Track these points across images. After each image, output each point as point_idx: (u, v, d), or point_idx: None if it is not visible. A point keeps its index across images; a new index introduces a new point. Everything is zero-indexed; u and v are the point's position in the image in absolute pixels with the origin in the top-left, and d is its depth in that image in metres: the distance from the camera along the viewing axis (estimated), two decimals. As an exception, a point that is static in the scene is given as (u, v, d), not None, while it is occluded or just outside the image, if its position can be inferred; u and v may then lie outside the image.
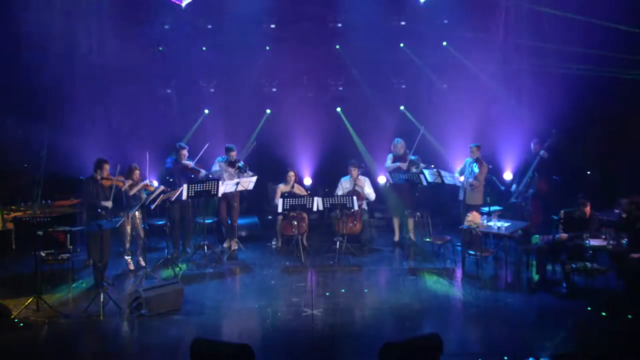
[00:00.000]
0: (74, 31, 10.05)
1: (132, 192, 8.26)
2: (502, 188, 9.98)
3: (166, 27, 10.72)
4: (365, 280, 8.10)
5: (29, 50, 9.44)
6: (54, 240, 8.61)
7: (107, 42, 10.12)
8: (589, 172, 10.28)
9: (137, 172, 8.44)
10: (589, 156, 10.16)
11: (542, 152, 9.49)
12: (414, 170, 9.22)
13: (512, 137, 10.42)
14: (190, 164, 9.18)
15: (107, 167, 7.84)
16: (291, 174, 9.57)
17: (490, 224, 8.07)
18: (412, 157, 9.48)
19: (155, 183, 8.66)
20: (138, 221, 8.52)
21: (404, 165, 9.44)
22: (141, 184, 8.33)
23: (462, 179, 9.31)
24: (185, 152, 9.24)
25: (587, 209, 7.44)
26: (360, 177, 9.65)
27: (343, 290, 7.57)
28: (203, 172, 9.24)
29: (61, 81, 9.66)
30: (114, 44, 10.13)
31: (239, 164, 9.26)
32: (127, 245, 8.47)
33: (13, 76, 9.50)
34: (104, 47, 10.15)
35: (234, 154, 9.37)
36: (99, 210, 7.63)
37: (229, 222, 9.48)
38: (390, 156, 9.69)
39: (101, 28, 10.14)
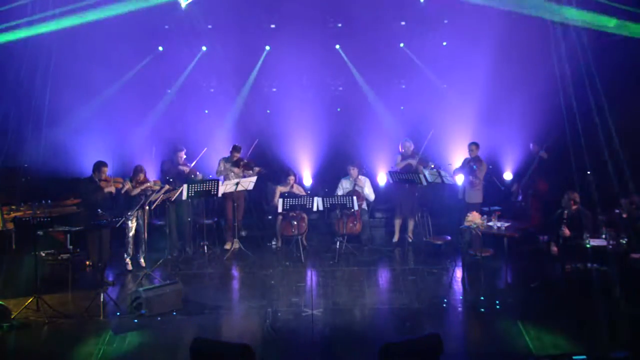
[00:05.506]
0: (74, 30, 10.04)
1: (134, 193, 8.26)
2: (502, 188, 9.98)
3: (166, 27, 10.73)
4: (365, 280, 8.10)
5: (28, 49, 9.43)
6: (54, 240, 8.61)
7: (107, 42, 10.11)
8: (589, 172, 10.27)
9: (142, 175, 8.45)
10: (589, 156, 10.15)
11: (541, 152, 9.50)
12: (431, 167, 9.26)
13: (512, 137, 10.42)
14: (187, 168, 9.15)
15: (105, 169, 7.84)
16: (291, 178, 9.54)
17: (490, 223, 8.06)
18: (421, 157, 9.58)
19: (159, 183, 8.67)
20: (144, 221, 8.53)
21: (413, 162, 9.50)
22: (144, 186, 8.32)
23: (459, 178, 9.33)
24: (182, 154, 9.22)
25: (572, 197, 7.43)
26: (360, 177, 9.66)
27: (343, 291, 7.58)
28: (200, 175, 9.21)
29: (61, 80, 9.67)
30: (113, 44, 10.12)
31: (245, 162, 9.30)
32: (130, 245, 8.47)
33: (12, 75, 9.51)
34: (104, 47, 10.14)
35: (237, 154, 9.38)
36: (98, 210, 7.63)
37: (234, 222, 9.48)
38: (399, 156, 9.76)
39: (101, 28, 10.12)
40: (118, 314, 6.89)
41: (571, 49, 9.46)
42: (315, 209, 8.92)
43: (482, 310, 6.91)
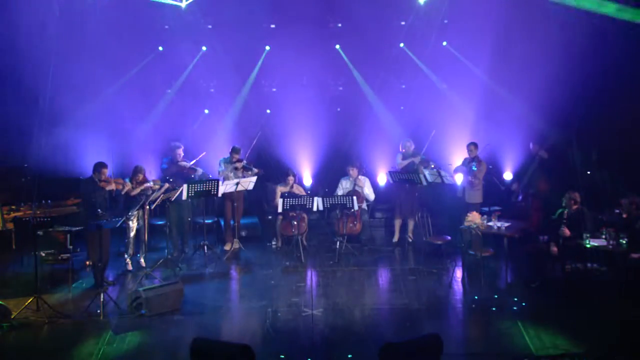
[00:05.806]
0: (74, 30, 10.04)
1: (134, 193, 8.27)
2: (502, 188, 9.98)
3: (166, 27, 10.73)
4: (365, 280, 8.10)
5: (28, 49, 9.44)
6: (54, 240, 8.61)
7: (108, 42, 10.11)
8: (588, 172, 10.28)
9: (141, 175, 8.45)
10: (589, 156, 10.15)
11: (541, 152, 9.50)
12: (431, 167, 9.27)
13: (512, 137, 10.42)
14: (187, 164, 9.19)
15: (105, 171, 7.84)
16: (290, 178, 9.54)
17: (490, 223, 8.07)
18: (422, 157, 9.61)
19: (159, 182, 8.68)
20: (144, 221, 8.53)
21: (416, 159, 9.53)
22: (144, 186, 8.35)
23: (458, 177, 9.33)
24: (180, 151, 9.26)
25: (573, 197, 7.44)
26: (360, 177, 9.66)
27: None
28: (200, 170, 9.27)
29: (61, 80, 9.67)
30: (114, 44, 10.12)
31: (244, 164, 9.32)
32: (130, 245, 8.47)
33: (12, 74, 9.52)
34: (104, 47, 10.14)
35: (237, 156, 9.39)
36: (98, 210, 7.64)
37: (232, 222, 9.49)
38: (399, 155, 9.75)
39: (102, 28, 10.13)
40: (118, 314, 6.88)
41: (571, 47, 9.48)
42: (315, 209, 8.92)
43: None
